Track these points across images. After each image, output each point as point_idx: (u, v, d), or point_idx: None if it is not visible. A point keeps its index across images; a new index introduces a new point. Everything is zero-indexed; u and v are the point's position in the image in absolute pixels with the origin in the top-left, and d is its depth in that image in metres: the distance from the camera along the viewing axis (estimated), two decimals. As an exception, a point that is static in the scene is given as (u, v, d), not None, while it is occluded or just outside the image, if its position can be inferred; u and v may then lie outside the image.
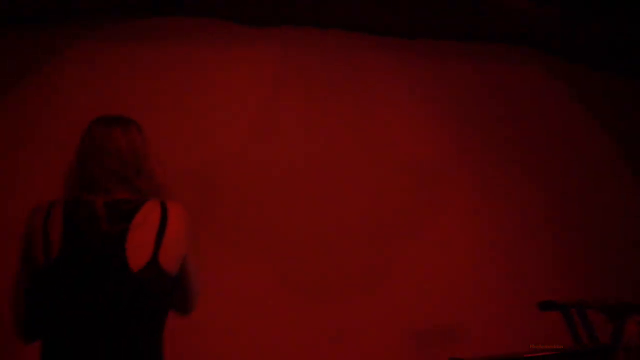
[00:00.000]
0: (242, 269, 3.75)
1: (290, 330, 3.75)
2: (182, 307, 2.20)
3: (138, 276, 1.99)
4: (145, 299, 2.02)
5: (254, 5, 3.81)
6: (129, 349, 1.99)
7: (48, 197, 2.18)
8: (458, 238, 4.17)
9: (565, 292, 3.76)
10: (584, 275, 4.25)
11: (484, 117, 4.33)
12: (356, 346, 3.84)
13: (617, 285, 4.22)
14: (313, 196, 3.95)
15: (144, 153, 2.18)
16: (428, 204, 4.14)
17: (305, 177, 3.96)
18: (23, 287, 2.08)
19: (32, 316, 2.06)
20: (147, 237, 2.02)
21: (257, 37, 3.97)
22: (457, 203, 4.20)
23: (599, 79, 4.62)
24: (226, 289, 3.68)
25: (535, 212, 4.32)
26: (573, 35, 4.28)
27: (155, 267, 2.01)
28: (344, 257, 3.94)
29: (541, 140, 4.42)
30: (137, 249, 2.00)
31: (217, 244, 3.72)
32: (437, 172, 4.18)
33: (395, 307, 3.94)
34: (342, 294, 3.89)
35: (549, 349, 2.86)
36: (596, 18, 4.12)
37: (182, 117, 3.75)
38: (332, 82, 4.08)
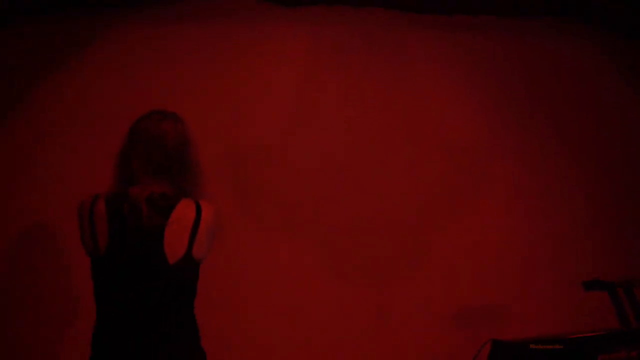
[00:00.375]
0: (281, 253, 3.78)
1: (330, 311, 3.79)
2: None
3: (174, 268, 2.20)
4: (180, 286, 2.25)
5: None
6: (167, 331, 2.22)
7: (76, 189, 2.41)
8: (499, 218, 4.08)
9: (612, 271, 3.63)
10: (631, 253, 4.12)
11: (525, 95, 4.21)
12: (396, 328, 3.86)
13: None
14: (351, 178, 3.93)
15: (191, 150, 2.33)
16: (468, 185, 4.06)
17: (342, 160, 3.93)
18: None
19: None
20: (182, 234, 2.21)
21: (290, 17, 3.92)
22: (497, 183, 4.11)
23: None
24: (265, 273, 3.73)
25: (579, 189, 4.21)
26: (620, 8, 4.14)
27: (189, 260, 2.23)
28: (383, 240, 3.92)
29: (586, 119, 4.28)
30: (173, 244, 2.20)
31: (255, 229, 3.76)
32: (477, 152, 4.09)
33: (436, 289, 3.92)
34: (381, 277, 3.89)
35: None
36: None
37: (213, 101, 3.75)
38: (368, 62, 4.00)
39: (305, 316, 3.73)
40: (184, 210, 2.24)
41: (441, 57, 4.10)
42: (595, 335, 2.96)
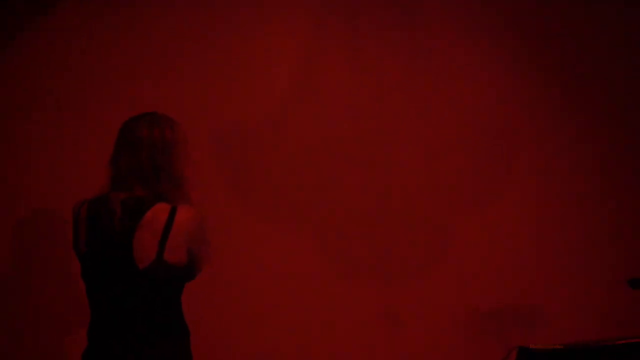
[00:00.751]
0: (281, 246, 3.66)
1: (332, 314, 3.67)
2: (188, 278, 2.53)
3: (145, 272, 2.31)
4: (154, 291, 2.35)
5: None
6: (141, 333, 2.34)
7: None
8: (528, 208, 3.88)
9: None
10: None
11: (564, 64, 3.94)
12: (411, 332, 3.73)
13: None
14: (358, 163, 3.76)
15: (168, 153, 2.40)
16: (494, 169, 3.88)
17: (348, 142, 3.75)
18: None
19: None
20: (152, 238, 2.31)
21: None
22: (528, 167, 3.91)
23: None
24: (260, 272, 3.62)
25: (623, 175, 3.97)
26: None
27: (161, 264, 2.31)
28: (394, 234, 3.77)
29: (633, 96, 4.04)
30: (143, 248, 2.31)
31: (250, 222, 3.63)
32: (506, 132, 3.88)
33: (453, 290, 3.77)
34: (391, 275, 3.76)
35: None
36: None
37: (212, 74, 3.61)
38: (381, 26, 3.78)
39: (305, 319, 3.63)
40: (155, 214, 2.33)
41: (466, 20, 3.87)
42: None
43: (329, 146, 3.74)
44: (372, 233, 3.75)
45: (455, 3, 3.91)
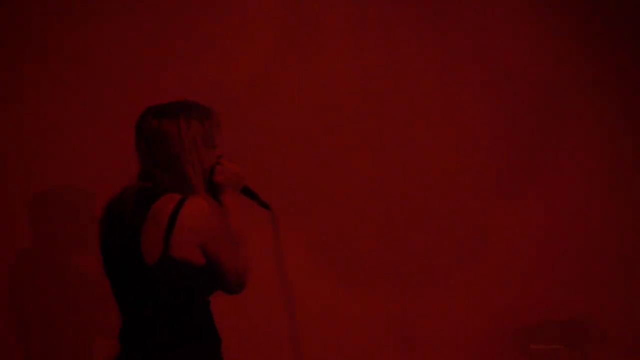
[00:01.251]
0: (271, 249, 3.49)
1: (335, 329, 3.51)
2: (222, 288, 2.49)
3: (153, 268, 2.31)
4: (166, 289, 2.35)
5: None
6: (164, 337, 2.33)
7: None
8: (576, 196, 3.69)
9: None
10: None
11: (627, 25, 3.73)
12: (432, 351, 3.58)
13: None
14: (369, 141, 3.62)
15: (169, 145, 2.41)
16: (534, 150, 3.69)
17: (353, 119, 3.60)
18: None
19: None
20: (158, 232, 2.33)
21: None
22: (578, 146, 3.71)
23: None
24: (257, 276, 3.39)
25: None
26: None
27: (169, 260, 2.31)
28: (410, 231, 3.64)
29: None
30: (150, 243, 2.33)
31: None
32: (555, 102, 3.67)
33: (481, 300, 3.60)
34: (405, 283, 3.62)
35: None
36: None
37: (192, 33, 3.42)
38: None
39: (304, 334, 3.37)
40: (162, 206, 2.35)
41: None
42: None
43: (327, 121, 3.55)
44: (383, 231, 3.62)
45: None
